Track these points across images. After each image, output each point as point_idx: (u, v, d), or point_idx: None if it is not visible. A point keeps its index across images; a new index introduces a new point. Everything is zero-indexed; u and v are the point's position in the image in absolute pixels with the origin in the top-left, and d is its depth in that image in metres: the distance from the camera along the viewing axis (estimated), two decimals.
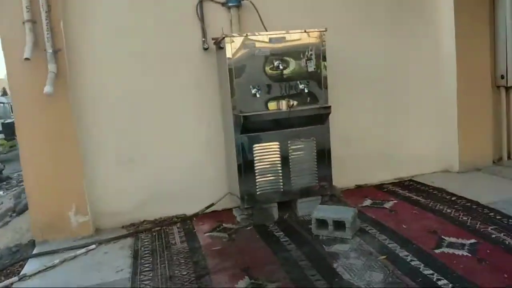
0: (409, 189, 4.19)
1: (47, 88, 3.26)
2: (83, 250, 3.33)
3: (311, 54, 3.48)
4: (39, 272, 3.02)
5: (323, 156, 3.63)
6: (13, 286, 2.88)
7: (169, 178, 3.92)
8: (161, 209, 3.95)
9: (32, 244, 3.61)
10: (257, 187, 3.52)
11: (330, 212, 3.25)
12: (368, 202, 3.91)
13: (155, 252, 3.19)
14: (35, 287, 2.83)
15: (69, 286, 2.78)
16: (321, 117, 3.51)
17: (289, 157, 3.56)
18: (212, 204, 3.91)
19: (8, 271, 3.19)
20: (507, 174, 4.37)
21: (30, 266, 3.14)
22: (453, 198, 3.79)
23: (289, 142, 3.54)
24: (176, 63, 3.84)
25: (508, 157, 4.93)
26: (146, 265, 2.98)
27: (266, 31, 3.74)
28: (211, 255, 3.04)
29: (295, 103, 3.46)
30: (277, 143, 3.52)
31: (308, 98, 3.56)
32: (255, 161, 3.49)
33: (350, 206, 3.73)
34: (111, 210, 3.82)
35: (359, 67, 4.30)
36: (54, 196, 3.56)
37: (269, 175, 3.54)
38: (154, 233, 3.60)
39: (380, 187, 4.35)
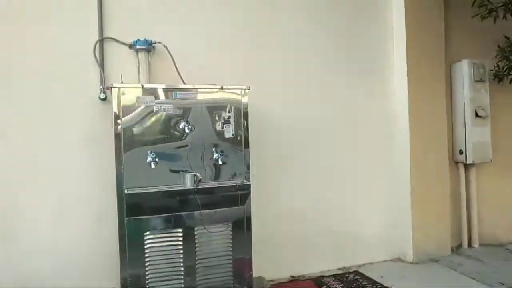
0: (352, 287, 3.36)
1: None
2: None
3: (229, 117, 2.71)
4: None
5: (241, 246, 2.77)
6: None
7: (44, 261, 2.93)
8: None
9: None
10: (148, 286, 2.58)
11: None
12: None
13: None
14: None
15: None
16: (240, 197, 2.68)
17: (195, 250, 2.67)
18: None
19: None
20: (467, 269, 3.65)
21: None
22: None
23: (196, 228, 2.67)
24: (63, 114, 2.96)
25: (469, 244, 4.26)
26: None
27: (183, 83, 2.99)
28: None
29: (201, 178, 2.62)
30: (179, 230, 2.64)
31: (223, 173, 2.74)
32: (146, 256, 2.58)
33: None
34: None
35: (295, 130, 3.60)
36: None
37: (164, 273, 2.62)
38: None
39: (319, 281, 3.50)
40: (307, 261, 3.68)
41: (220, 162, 2.67)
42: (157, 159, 2.55)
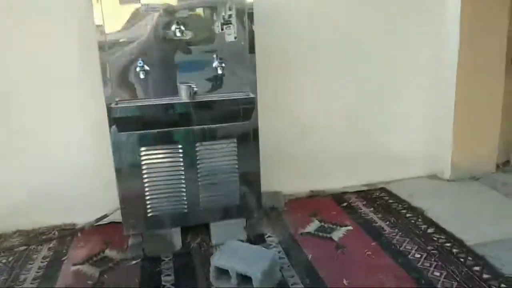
0: (376, 206, 3.10)
1: None
2: None
3: (230, 15, 2.28)
4: None
5: (248, 164, 2.54)
6: None
7: (55, 176, 2.90)
8: (44, 216, 2.97)
9: None
10: (148, 206, 2.47)
11: (236, 258, 2.21)
12: (314, 226, 2.85)
13: None
14: None
15: None
16: (242, 112, 2.36)
17: (197, 166, 2.47)
18: (105, 216, 2.87)
19: None
20: (510, 189, 3.25)
21: None
22: (429, 230, 2.72)
23: (196, 144, 2.44)
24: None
25: None
26: None
27: None
28: None
29: (197, 89, 2.31)
30: (179, 146, 2.41)
31: (225, 84, 2.40)
32: (144, 171, 2.41)
33: (288, 229, 2.74)
34: None
35: (316, 35, 3.09)
36: None
37: (166, 191, 2.47)
38: (15, 255, 2.62)
39: (340, 198, 3.27)
40: (329, 176, 3.42)
41: (219, 72, 2.30)
42: (146, 68, 2.23)
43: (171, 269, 2.42)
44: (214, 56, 2.34)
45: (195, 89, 2.25)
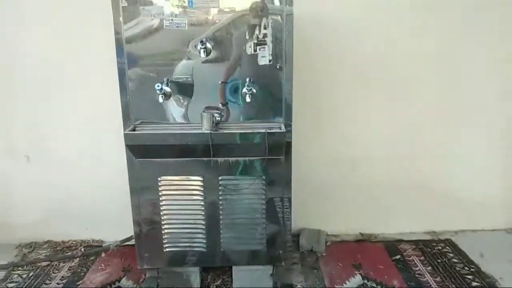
0: (436, 265, 2.58)
1: None
2: None
3: (264, 35, 1.96)
4: None
5: (277, 204, 2.20)
6: None
7: (89, 189, 2.83)
8: (74, 228, 2.91)
9: None
10: (164, 241, 2.24)
11: None
12: (354, 282, 2.43)
13: None
14: None
15: None
16: (273, 146, 2.03)
17: (219, 203, 2.19)
18: (131, 237, 2.72)
19: None
20: None
21: None
22: None
23: (220, 178, 2.16)
24: None
25: None
26: None
27: None
28: None
29: (220, 118, 2.02)
30: (199, 178, 2.15)
31: (256, 111, 2.09)
32: (162, 203, 2.18)
33: (323, 282, 2.41)
34: (5, 219, 2.87)
35: (366, 53, 2.67)
36: None
37: (185, 226, 2.23)
38: (36, 271, 2.56)
39: (393, 247, 2.79)
40: (384, 218, 2.96)
41: (248, 99, 1.99)
42: (167, 90, 1.99)
43: None
44: (246, 80, 2.03)
45: (217, 118, 1.96)
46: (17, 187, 2.84)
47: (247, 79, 2.03)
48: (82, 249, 2.82)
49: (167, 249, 2.25)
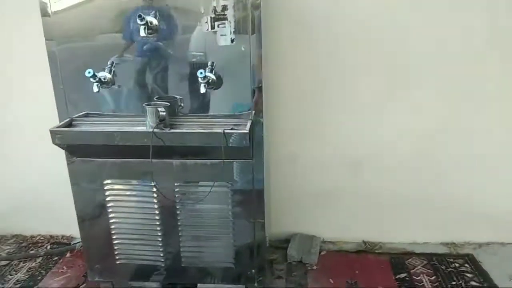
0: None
1: None
2: None
3: (224, 7, 1.51)
4: None
5: (247, 215, 1.80)
6: None
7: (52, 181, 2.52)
8: (44, 222, 2.65)
9: None
10: (116, 252, 1.91)
11: None
12: None
13: None
14: None
15: None
16: (234, 149, 1.61)
17: (177, 212, 1.81)
18: None
19: None
20: None
21: None
22: None
23: (176, 184, 1.77)
24: None
25: None
26: None
27: None
28: None
29: (165, 113, 1.60)
30: (151, 183, 1.78)
31: (216, 104, 1.67)
32: (109, 210, 1.84)
33: None
34: None
35: (372, 34, 2.14)
36: None
37: (138, 237, 1.88)
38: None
39: (399, 262, 2.35)
40: (393, 224, 2.50)
41: (202, 90, 1.56)
42: (105, 76, 1.60)
43: None
44: (209, 64, 1.60)
45: (162, 113, 1.55)
46: None
47: (209, 64, 1.60)
48: (48, 247, 2.56)
49: (119, 261, 1.92)
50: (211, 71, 1.59)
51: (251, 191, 1.76)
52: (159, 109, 1.55)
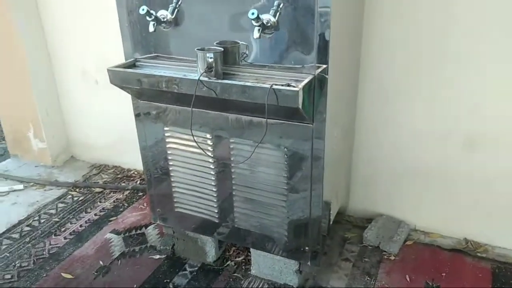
0: None
1: None
2: (6, 188, 2.68)
3: None
4: None
5: (305, 185, 1.58)
6: None
7: None
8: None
9: (7, 153, 3.19)
10: (174, 200, 1.89)
11: None
12: None
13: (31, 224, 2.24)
14: None
15: None
16: (286, 110, 1.37)
17: (231, 170, 1.68)
18: None
19: None
20: None
21: None
22: None
23: (231, 140, 1.63)
24: None
25: None
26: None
27: None
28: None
29: (213, 60, 1.41)
30: (208, 136, 1.67)
31: (280, 50, 1.43)
32: (169, 157, 1.80)
33: None
34: (85, 139, 2.98)
35: None
36: (16, 111, 2.91)
37: (194, 189, 1.82)
38: (86, 196, 2.58)
39: (504, 275, 1.87)
40: (508, 225, 1.98)
41: (256, 35, 1.33)
42: (157, 17, 1.49)
43: (182, 284, 1.86)
44: (274, 5, 1.36)
45: (209, 59, 1.38)
46: (93, 112, 2.83)
47: (276, 4, 1.36)
48: (138, 182, 2.71)
49: (177, 209, 1.90)
50: (275, 14, 1.34)
51: (309, 160, 1.51)
52: (208, 54, 1.38)
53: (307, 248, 1.68)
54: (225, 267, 1.95)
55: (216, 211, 1.80)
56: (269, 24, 1.35)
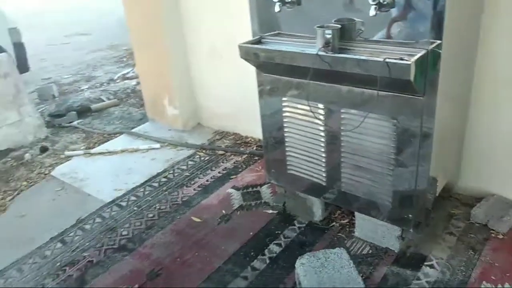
0: None
1: None
2: (146, 146, 3.21)
3: None
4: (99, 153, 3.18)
5: (411, 156, 1.68)
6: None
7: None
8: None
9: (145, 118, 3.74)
10: (287, 163, 2.14)
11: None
12: None
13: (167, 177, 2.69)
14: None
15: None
16: (399, 82, 1.48)
17: (341, 138, 1.85)
18: None
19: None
20: None
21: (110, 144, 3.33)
22: None
23: (342, 110, 1.79)
24: None
25: None
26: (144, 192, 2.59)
27: None
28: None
29: (331, 37, 1.56)
30: (320, 106, 1.85)
31: (401, 29, 1.53)
32: (285, 125, 2.03)
33: (469, 270, 1.80)
34: (210, 108, 3.37)
35: None
36: (155, 81, 3.42)
37: (305, 154, 2.03)
38: (211, 157, 2.96)
39: None
40: None
41: (372, 12, 1.45)
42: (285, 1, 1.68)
43: (291, 237, 2.11)
44: None
45: (327, 35, 1.54)
46: (218, 84, 3.18)
47: None
48: (254, 148, 3.02)
49: (289, 171, 2.13)
50: None
51: (418, 133, 1.60)
52: (326, 31, 1.54)
53: (410, 216, 1.78)
54: (330, 227, 2.14)
55: (324, 175, 1.99)
56: (385, 2, 1.45)
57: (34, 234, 2.33)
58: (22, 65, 4.42)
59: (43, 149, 3.28)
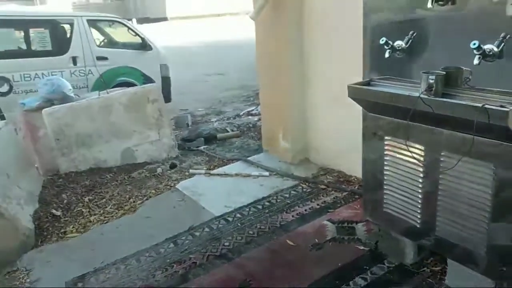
0: None
1: (252, 14, 3.31)
2: (257, 173, 3.54)
3: None
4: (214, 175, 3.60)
5: (509, 207, 1.67)
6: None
7: None
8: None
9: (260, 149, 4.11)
10: (384, 200, 2.22)
11: None
12: None
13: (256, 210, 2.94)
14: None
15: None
16: (496, 128, 1.52)
17: (439, 182, 1.90)
18: None
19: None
20: None
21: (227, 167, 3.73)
22: None
23: (442, 154, 1.86)
24: None
25: None
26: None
27: None
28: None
29: (434, 82, 1.67)
30: (421, 147, 1.94)
31: (499, 78, 1.59)
32: (386, 163, 2.14)
33: None
34: (318, 145, 3.60)
35: None
36: (274, 117, 3.79)
37: (401, 193, 2.10)
38: (313, 189, 3.15)
39: None
40: None
41: (476, 61, 1.54)
42: (394, 45, 1.86)
43: (378, 274, 2.16)
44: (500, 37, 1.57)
45: (430, 81, 1.67)
46: (328, 124, 3.39)
47: (502, 35, 1.56)
48: (356, 187, 3.11)
49: (385, 209, 2.21)
50: (498, 45, 1.53)
51: None
52: (430, 76, 1.67)
53: (504, 269, 1.72)
54: (420, 272, 2.13)
55: (419, 217, 2.02)
56: (491, 53, 1.53)
57: (154, 233, 2.74)
58: (166, 96, 5.24)
59: (173, 166, 3.81)
